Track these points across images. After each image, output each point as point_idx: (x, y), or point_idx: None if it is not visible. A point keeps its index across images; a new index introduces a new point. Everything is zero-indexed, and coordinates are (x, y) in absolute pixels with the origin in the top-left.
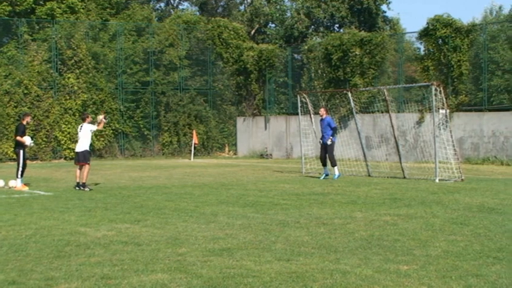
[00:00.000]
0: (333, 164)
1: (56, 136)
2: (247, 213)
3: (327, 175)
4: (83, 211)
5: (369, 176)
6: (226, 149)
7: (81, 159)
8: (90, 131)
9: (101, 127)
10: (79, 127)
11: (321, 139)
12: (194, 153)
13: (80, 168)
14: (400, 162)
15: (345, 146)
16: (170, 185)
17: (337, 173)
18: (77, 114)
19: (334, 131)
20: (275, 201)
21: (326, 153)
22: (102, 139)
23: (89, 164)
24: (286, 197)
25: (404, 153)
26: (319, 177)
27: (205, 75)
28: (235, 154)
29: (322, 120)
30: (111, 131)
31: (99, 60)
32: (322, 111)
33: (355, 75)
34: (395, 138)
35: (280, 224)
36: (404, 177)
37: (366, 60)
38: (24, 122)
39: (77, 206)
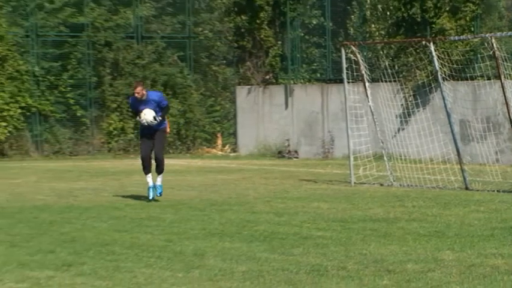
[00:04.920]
0: (160, 170)
1: None
2: (256, 252)
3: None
4: None
5: (466, 188)
6: (219, 141)
7: None
8: None
9: None
10: None
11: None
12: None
13: None
14: None
15: (422, 137)
16: (122, 203)
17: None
18: None
19: (165, 111)
20: (304, 233)
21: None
22: (3, 124)
23: None
24: (324, 224)
25: None
26: (147, 198)
27: (180, 13)
28: (234, 151)
29: (140, 101)
30: (18, 111)
31: None
32: (139, 90)
33: (442, 14)
34: None
35: (313, 271)
36: None
37: None
38: None
39: None
